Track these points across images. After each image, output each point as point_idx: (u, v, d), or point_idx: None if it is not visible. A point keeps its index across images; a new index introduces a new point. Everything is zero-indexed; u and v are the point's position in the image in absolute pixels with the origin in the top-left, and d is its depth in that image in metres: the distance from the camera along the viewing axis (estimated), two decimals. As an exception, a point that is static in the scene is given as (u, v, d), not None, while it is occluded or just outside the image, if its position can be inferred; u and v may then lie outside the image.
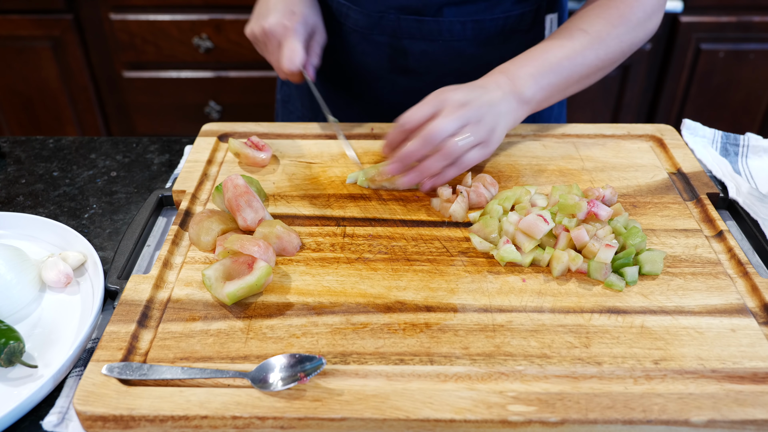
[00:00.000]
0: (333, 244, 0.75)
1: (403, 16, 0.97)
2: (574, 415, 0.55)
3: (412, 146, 0.78)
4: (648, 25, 0.90)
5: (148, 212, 0.81)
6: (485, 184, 0.83)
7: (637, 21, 0.88)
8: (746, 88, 1.97)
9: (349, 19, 1.00)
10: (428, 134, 0.77)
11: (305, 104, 1.14)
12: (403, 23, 0.97)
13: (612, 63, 0.90)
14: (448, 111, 0.78)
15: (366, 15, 0.98)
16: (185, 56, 1.97)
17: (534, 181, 0.86)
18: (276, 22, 0.90)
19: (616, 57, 0.89)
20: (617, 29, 0.88)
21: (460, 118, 0.78)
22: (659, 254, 0.70)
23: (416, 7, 0.96)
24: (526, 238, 0.72)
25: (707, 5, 1.85)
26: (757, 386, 0.58)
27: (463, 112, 0.78)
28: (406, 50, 1.00)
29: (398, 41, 0.99)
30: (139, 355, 0.62)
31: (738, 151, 0.95)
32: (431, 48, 0.99)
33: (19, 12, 1.90)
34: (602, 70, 0.90)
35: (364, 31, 1.00)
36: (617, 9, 0.88)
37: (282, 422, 0.55)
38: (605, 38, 0.87)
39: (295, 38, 0.89)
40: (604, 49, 0.87)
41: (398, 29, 0.98)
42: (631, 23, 0.88)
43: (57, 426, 0.58)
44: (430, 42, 0.99)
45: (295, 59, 0.88)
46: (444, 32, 0.97)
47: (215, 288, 0.66)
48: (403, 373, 0.59)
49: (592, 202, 0.75)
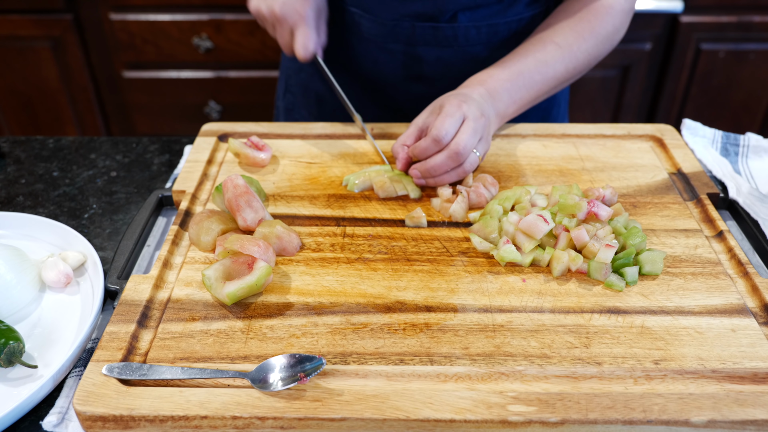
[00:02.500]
0: (333, 244, 0.75)
1: (418, 24, 0.97)
2: (574, 415, 0.55)
3: (439, 159, 0.81)
4: (615, 38, 0.94)
5: (148, 212, 0.81)
6: (485, 184, 0.83)
7: (605, 35, 0.92)
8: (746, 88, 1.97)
9: (362, 28, 1.00)
10: (457, 150, 0.80)
11: (312, 112, 1.13)
12: (418, 30, 0.97)
13: (578, 74, 0.94)
14: (469, 125, 0.81)
15: (380, 23, 0.98)
16: (185, 56, 1.97)
17: (534, 181, 0.86)
18: (289, 8, 0.90)
19: (582, 68, 0.93)
20: (587, 42, 0.91)
21: (477, 131, 0.82)
22: (659, 254, 0.70)
23: (431, 13, 0.96)
24: (526, 238, 0.72)
25: (707, 5, 1.85)
26: (757, 386, 0.58)
27: (478, 126, 0.82)
28: (420, 57, 1.00)
29: (413, 48, 0.99)
30: (139, 356, 0.61)
31: (738, 151, 0.95)
32: (446, 54, 1.00)
33: (19, 12, 1.90)
34: (568, 81, 0.94)
35: (378, 39, 1.00)
36: (588, 23, 0.91)
37: (282, 422, 0.55)
38: (575, 51, 0.91)
39: (308, 24, 0.91)
40: (573, 61, 0.91)
41: (413, 37, 0.98)
42: (600, 37, 0.92)
43: (57, 426, 0.58)
44: (444, 48, 0.99)
45: (310, 46, 0.91)
46: (459, 38, 0.98)
47: (215, 288, 0.66)
48: (403, 373, 0.59)
49: (592, 202, 0.75)
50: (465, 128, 0.80)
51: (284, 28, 0.92)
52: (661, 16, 1.86)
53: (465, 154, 0.80)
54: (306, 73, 1.11)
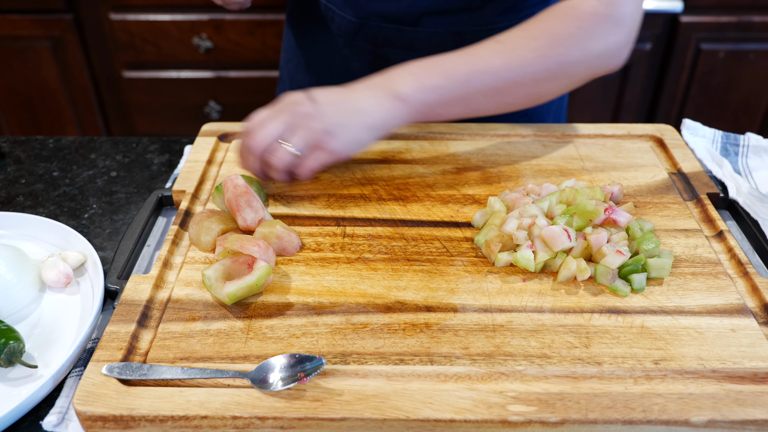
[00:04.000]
0: (333, 244, 0.75)
1: (383, 24, 0.96)
2: (574, 415, 0.55)
3: (241, 146, 0.78)
4: (586, 42, 0.80)
5: (148, 212, 0.81)
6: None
7: (566, 35, 0.79)
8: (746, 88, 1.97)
9: (334, 23, 1.00)
10: (250, 143, 0.76)
11: None
12: (383, 31, 0.97)
13: (534, 77, 0.80)
14: (273, 117, 0.76)
15: (349, 21, 0.98)
16: (185, 56, 1.97)
17: (534, 181, 0.86)
18: None
19: (537, 71, 0.80)
20: (537, 41, 0.80)
21: (284, 122, 0.76)
22: (668, 261, 0.69)
23: (395, 15, 0.94)
24: (544, 246, 0.70)
25: (707, 5, 1.85)
26: (757, 386, 0.58)
27: (287, 117, 0.76)
28: (387, 58, 0.99)
29: (379, 49, 0.99)
30: (139, 355, 0.61)
31: (738, 151, 0.95)
32: (412, 57, 0.90)
33: (19, 12, 1.90)
34: (522, 86, 0.81)
35: (347, 36, 1.00)
36: (542, 22, 0.81)
37: (282, 422, 0.55)
38: (518, 48, 0.79)
39: None
40: (518, 59, 0.79)
41: (379, 37, 0.97)
42: (559, 37, 0.79)
43: (57, 426, 0.58)
44: (409, 51, 0.96)
45: None
46: (423, 42, 0.96)
47: (215, 288, 0.66)
48: (403, 373, 0.59)
49: (611, 208, 0.72)
50: (264, 120, 0.76)
51: None
52: (661, 16, 1.86)
53: (258, 147, 0.76)
54: (305, 72, 1.11)
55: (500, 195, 0.81)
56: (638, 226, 0.73)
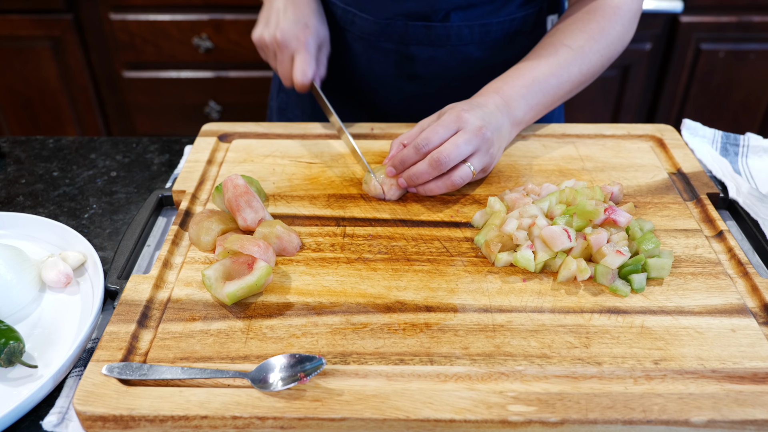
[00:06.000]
0: (333, 244, 0.75)
1: (411, 23, 0.97)
2: (574, 415, 0.55)
3: (420, 167, 0.80)
4: (625, 38, 0.93)
5: (148, 212, 0.81)
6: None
7: (615, 36, 0.91)
8: (746, 88, 1.97)
9: (355, 26, 1.00)
10: (437, 158, 0.78)
11: (306, 111, 1.14)
12: (411, 29, 0.97)
13: (592, 76, 0.92)
14: (461, 136, 0.79)
15: (373, 22, 0.98)
16: (185, 56, 1.97)
17: (534, 181, 0.86)
18: (291, 34, 0.91)
19: (596, 70, 0.92)
20: (598, 43, 0.90)
21: (471, 143, 0.79)
22: (668, 261, 0.69)
23: (424, 12, 0.96)
24: (544, 246, 0.71)
25: (707, 5, 1.85)
26: (757, 386, 0.58)
27: (473, 138, 0.79)
28: (413, 56, 1.00)
29: (406, 47, 1.00)
30: (139, 355, 0.62)
31: (738, 151, 0.95)
32: (438, 53, 0.99)
33: (19, 12, 1.90)
34: (583, 84, 0.92)
35: (371, 38, 1.00)
36: (597, 23, 0.90)
37: (282, 422, 0.55)
38: (587, 52, 0.90)
39: (308, 52, 0.91)
40: (587, 63, 0.90)
41: (406, 35, 0.98)
42: (611, 37, 0.91)
43: (57, 426, 0.58)
44: (437, 47, 0.99)
45: (308, 72, 0.91)
46: (452, 37, 0.98)
47: (215, 288, 0.66)
48: (403, 373, 0.59)
49: (611, 208, 0.72)
50: (454, 138, 0.79)
51: (285, 55, 0.92)
52: (661, 16, 1.86)
53: (446, 163, 0.78)
54: None
55: (500, 195, 0.81)
56: (638, 226, 0.73)
